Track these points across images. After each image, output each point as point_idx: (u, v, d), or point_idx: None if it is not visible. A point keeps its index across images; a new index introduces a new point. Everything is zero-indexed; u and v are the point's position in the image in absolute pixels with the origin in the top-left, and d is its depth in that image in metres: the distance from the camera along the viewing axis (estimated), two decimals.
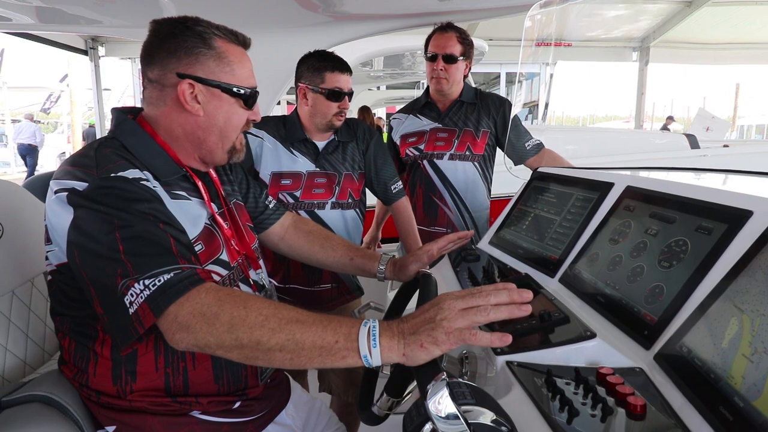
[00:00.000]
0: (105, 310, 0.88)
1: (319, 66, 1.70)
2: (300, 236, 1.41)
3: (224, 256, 1.09)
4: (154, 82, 1.02)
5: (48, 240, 0.96)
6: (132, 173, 0.94)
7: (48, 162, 16.72)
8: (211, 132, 1.05)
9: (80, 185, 0.90)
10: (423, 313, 0.80)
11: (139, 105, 1.11)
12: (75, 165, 0.94)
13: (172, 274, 0.84)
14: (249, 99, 1.06)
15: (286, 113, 1.85)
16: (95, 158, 0.94)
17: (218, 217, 1.11)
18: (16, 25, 2.00)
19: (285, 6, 1.83)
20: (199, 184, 1.09)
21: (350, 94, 1.74)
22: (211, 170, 1.16)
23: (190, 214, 1.04)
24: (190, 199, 1.06)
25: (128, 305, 0.83)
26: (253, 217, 1.35)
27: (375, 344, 0.78)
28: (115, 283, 0.84)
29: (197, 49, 1.00)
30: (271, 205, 1.40)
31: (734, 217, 0.88)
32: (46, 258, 0.99)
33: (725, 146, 5.12)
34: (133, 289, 0.83)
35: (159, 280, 0.83)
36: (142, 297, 0.83)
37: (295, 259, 1.45)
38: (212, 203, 1.11)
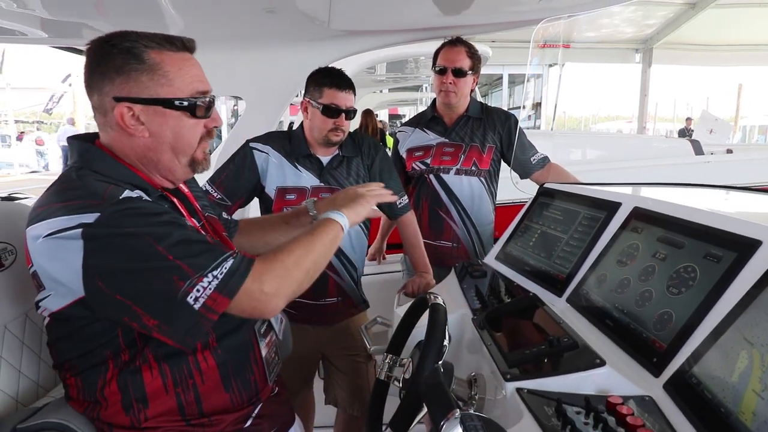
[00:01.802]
0: (161, 319, 0.88)
1: (319, 81, 1.71)
2: (246, 231, 1.44)
3: None
4: (97, 108, 0.98)
5: (40, 286, 0.92)
6: (129, 194, 0.92)
7: (51, 163, 16.77)
8: (163, 151, 0.99)
9: (89, 217, 0.85)
10: (343, 193, 1.31)
11: None
12: (67, 200, 0.89)
13: (230, 261, 0.91)
14: (196, 108, 0.99)
15: (288, 114, 1.86)
16: (85, 187, 0.91)
17: (200, 230, 1.10)
18: (31, 39, 2.01)
19: (292, 20, 1.83)
20: (176, 201, 1.07)
21: (349, 111, 1.72)
22: (182, 186, 1.15)
23: None
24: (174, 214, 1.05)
25: (192, 303, 0.87)
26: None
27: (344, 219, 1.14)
28: (174, 288, 0.86)
29: (128, 66, 0.93)
30: (230, 219, 1.42)
31: (743, 246, 0.88)
32: (38, 307, 0.95)
33: (729, 151, 5.12)
34: (200, 284, 0.87)
35: (224, 268, 0.90)
36: (210, 288, 0.88)
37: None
38: (192, 218, 1.11)
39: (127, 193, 0.92)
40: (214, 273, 0.89)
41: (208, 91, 1.02)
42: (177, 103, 0.97)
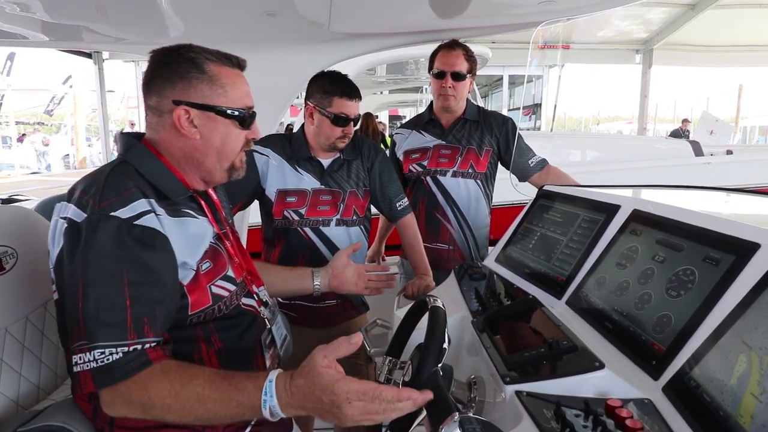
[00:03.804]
0: (69, 348, 0.91)
1: (329, 89, 1.71)
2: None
3: (230, 273, 1.13)
4: (153, 108, 1.06)
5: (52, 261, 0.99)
6: (134, 207, 0.95)
7: (51, 164, 16.79)
8: (209, 154, 1.08)
9: (79, 216, 0.93)
10: (317, 398, 0.85)
11: (142, 106, 1.13)
12: (84, 192, 0.96)
13: (120, 355, 0.88)
14: (244, 119, 1.08)
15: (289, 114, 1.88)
16: (103, 185, 0.96)
17: (222, 236, 1.15)
18: (32, 42, 2.02)
19: (291, 23, 1.83)
20: (203, 204, 1.13)
21: (356, 119, 1.75)
22: (212, 193, 1.19)
23: (196, 233, 1.07)
24: (197, 218, 1.09)
25: (74, 364, 0.88)
26: None
27: (278, 415, 0.88)
28: (72, 335, 0.89)
29: (190, 74, 1.03)
30: None
31: (742, 249, 0.89)
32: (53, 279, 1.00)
33: (729, 152, 5.11)
34: (83, 355, 0.87)
35: (108, 358, 0.87)
36: (88, 366, 0.87)
37: None
38: (216, 223, 1.14)
39: (127, 210, 0.93)
40: (96, 354, 0.87)
41: (253, 107, 1.12)
42: (229, 112, 1.06)
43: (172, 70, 1.03)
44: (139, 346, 0.90)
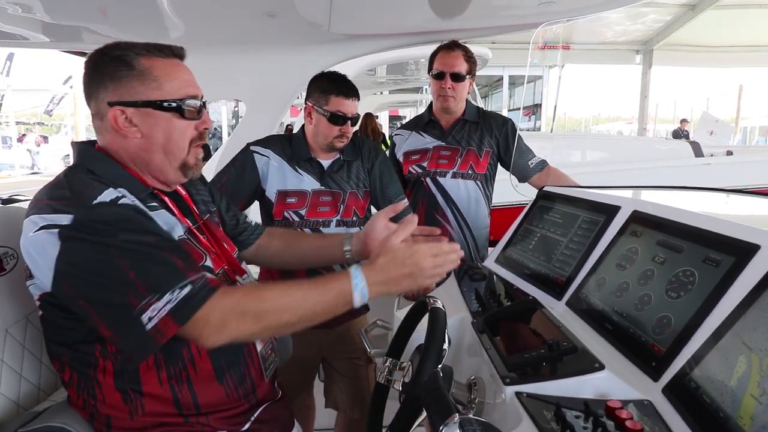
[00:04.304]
0: (115, 331, 0.90)
1: (326, 88, 1.71)
2: (272, 240, 1.47)
3: (209, 263, 1.11)
4: (95, 114, 1.04)
5: (30, 275, 0.96)
6: (109, 194, 0.95)
7: (52, 165, 16.79)
8: (154, 151, 1.04)
9: (65, 218, 0.90)
10: (401, 264, 1.04)
11: None
12: (52, 198, 0.94)
13: (188, 288, 0.90)
14: (185, 110, 1.04)
15: (289, 115, 1.88)
16: (69, 186, 0.95)
17: (195, 230, 1.12)
18: (33, 43, 2.02)
19: (292, 24, 1.84)
20: (167, 200, 1.10)
21: (354, 118, 1.74)
22: (179, 188, 1.17)
23: (166, 223, 1.05)
24: (163, 211, 1.07)
25: (146, 322, 0.87)
26: (235, 234, 1.38)
27: (365, 299, 1.00)
28: (129, 305, 0.87)
29: (119, 73, 1.00)
30: (252, 223, 1.45)
31: (742, 251, 0.89)
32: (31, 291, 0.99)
33: (729, 153, 5.12)
34: (154, 305, 0.87)
35: (179, 296, 0.89)
36: (164, 311, 0.88)
37: (269, 265, 1.53)
38: (186, 218, 1.12)
39: (104, 196, 0.94)
40: (170, 297, 0.88)
41: (198, 95, 1.07)
42: (165, 104, 1.02)
43: (101, 71, 1.01)
44: (199, 280, 0.92)
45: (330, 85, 1.71)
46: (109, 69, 1.00)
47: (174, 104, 1.02)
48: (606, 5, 1.87)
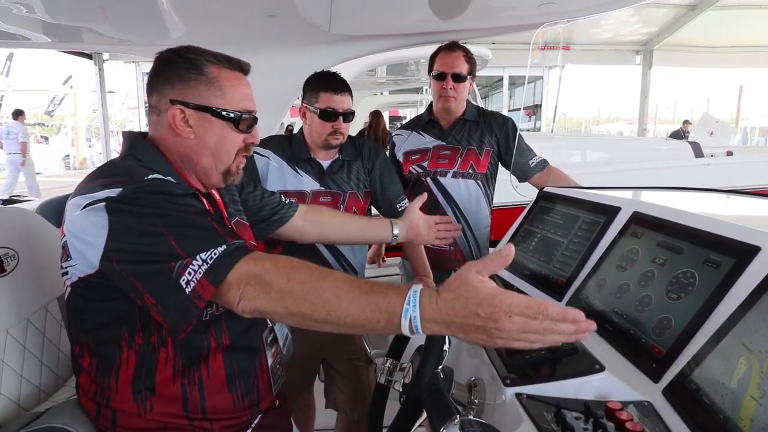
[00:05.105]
0: (158, 298, 0.90)
1: (315, 86, 1.73)
2: (321, 213, 1.57)
3: None
4: (154, 107, 1.09)
5: (68, 257, 0.97)
6: (157, 176, 0.99)
7: (52, 165, 16.79)
8: (204, 154, 1.09)
9: (114, 192, 0.93)
10: (472, 313, 0.75)
11: (142, 107, 1.14)
12: (106, 176, 0.97)
13: (224, 247, 0.90)
14: (240, 122, 1.09)
15: (289, 115, 1.89)
16: (124, 168, 0.99)
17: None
18: (34, 43, 2.02)
19: (292, 24, 1.84)
20: (205, 202, 1.13)
21: (347, 114, 1.74)
22: (214, 192, 1.21)
23: None
24: None
25: (184, 285, 0.88)
26: (274, 212, 1.47)
27: (417, 331, 0.79)
28: (168, 268, 0.88)
29: (188, 75, 1.05)
30: (286, 201, 1.52)
31: (742, 252, 0.89)
32: (65, 274, 0.99)
33: (729, 153, 5.12)
34: (191, 267, 0.88)
35: (215, 254, 0.89)
36: (200, 273, 0.88)
37: (316, 239, 1.61)
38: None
39: (155, 175, 0.98)
40: (203, 257, 0.89)
41: (254, 111, 1.13)
42: (224, 113, 1.07)
43: (171, 70, 1.06)
44: (236, 242, 0.93)
45: (319, 83, 1.72)
46: (180, 69, 1.05)
47: (232, 114, 1.07)
48: (606, 6, 1.88)
